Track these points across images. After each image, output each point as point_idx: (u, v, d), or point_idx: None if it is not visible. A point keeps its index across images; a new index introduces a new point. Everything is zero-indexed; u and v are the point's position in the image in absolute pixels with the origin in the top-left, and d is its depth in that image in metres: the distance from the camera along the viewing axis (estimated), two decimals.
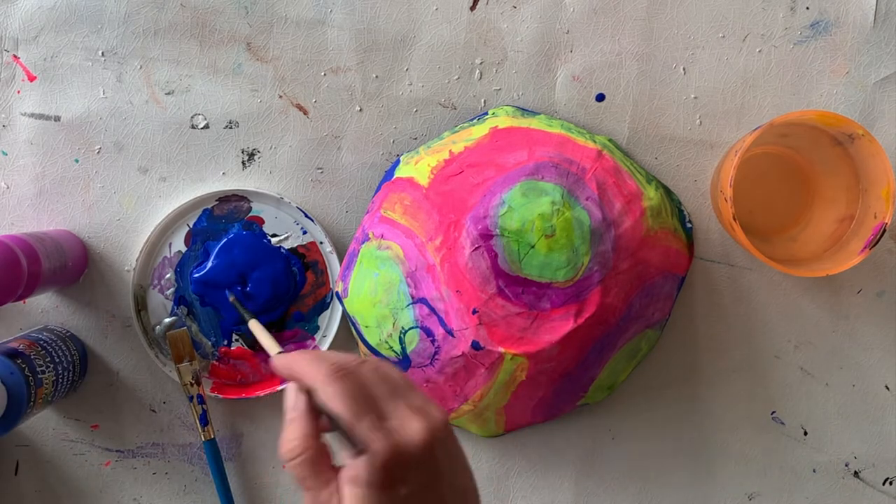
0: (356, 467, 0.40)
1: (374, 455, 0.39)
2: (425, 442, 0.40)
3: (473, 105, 0.67)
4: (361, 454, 0.40)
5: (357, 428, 0.40)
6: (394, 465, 0.39)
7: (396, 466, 0.40)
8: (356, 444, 0.40)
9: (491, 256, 0.59)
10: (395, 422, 0.41)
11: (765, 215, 0.67)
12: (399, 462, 0.40)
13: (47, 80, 0.67)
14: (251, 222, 0.67)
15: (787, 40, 0.67)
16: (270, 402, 0.68)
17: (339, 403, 0.41)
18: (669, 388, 0.68)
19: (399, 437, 0.40)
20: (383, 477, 0.39)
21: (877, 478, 0.69)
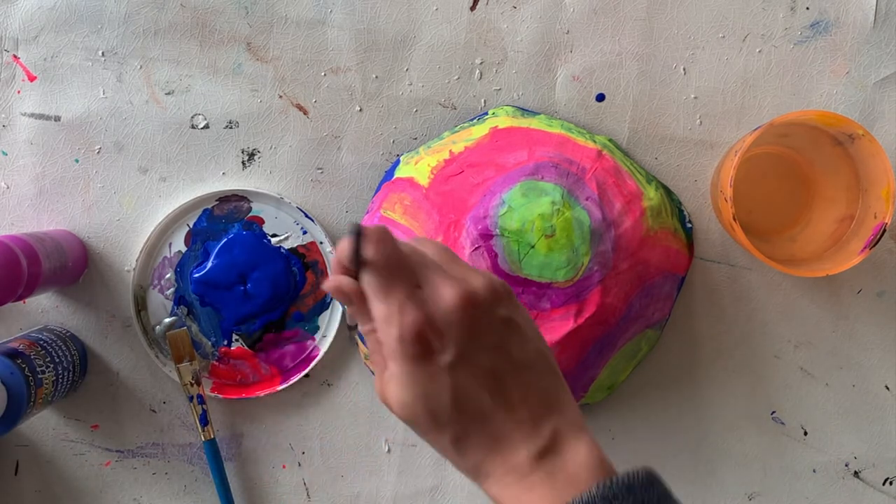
0: (389, 339, 0.41)
1: (403, 328, 0.41)
2: (457, 305, 0.41)
3: (473, 105, 0.67)
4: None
5: (387, 305, 0.41)
6: (424, 334, 0.41)
7: (428, 332, 0.41)
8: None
9: (491, 256, 0.59)
10: (427, 290, 0.42)
11: (765, 215, 0.67)
12: (431, 328, 0.41)
13: (47, 80, 0.67)
14: (251, 222, 0.67)
15: (787, 40, 0.67)
16: (270, 402, 0.68)
17: (374, 277, 0.41)
18: (669, 388, 0.68)
19: (428, 306, 0.41)
20: (415, 349, 0.41)
21: (877, 478, 0.69)
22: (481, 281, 0.42)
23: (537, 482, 0.41)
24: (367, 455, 0.68)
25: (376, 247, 0.41)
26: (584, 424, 0.43)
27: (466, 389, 0.41)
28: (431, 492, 0.68)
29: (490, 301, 0.42)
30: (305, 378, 0.68)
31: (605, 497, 0.39)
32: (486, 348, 0.42)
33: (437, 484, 0.68)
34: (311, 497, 0.69)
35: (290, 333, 0.67)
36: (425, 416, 0.41)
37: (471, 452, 0.42)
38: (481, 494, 0.68)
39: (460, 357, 0.41)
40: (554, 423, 0.42)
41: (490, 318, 0.42)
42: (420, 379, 0.41)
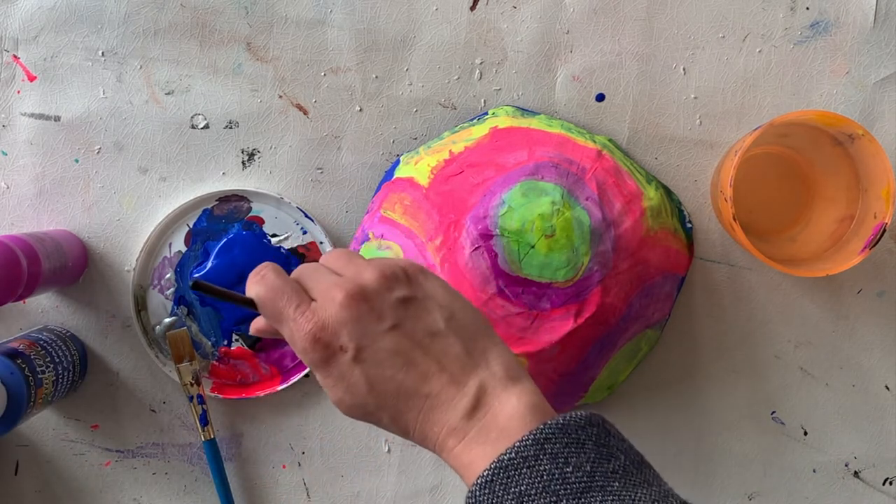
0: (299, 355, 0.45)
1: (302, 341, 0.44)
2: (342, 304, 0.43)
3: (473, 105, 0.67)
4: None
5: (287, 328, 0.45)
6: (320, 339, 0.43)
7: (322, 335, 0.43)
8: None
9: (491, 256, 0.59)
10: (318, 301, 0.44)
11: (765, 215, 0.67)
12: (324, 331, 0.44)
13: (47, 80, 0.67)
14: (251, 222, 0.67)
15: (787, 40, 0.67)
16: (270, 402, 0.68)
17: (263, 311, 0.45)
18: (669, 388, 0.68)
19: (318, 314, 0.44)
20: (317, 354, 0.44)
21: (877, 478, 0.69)
22: (370, 273, 0.45)
23: (472, 440, 0.43)
24: (367, 455, 0.68)
25: (257, 285, 0.45)
26: (516, 375, 0.44)
27: (378, 374, 0.44)
28: (431, 492, 0.68)
29: (380, 289, 0.44)
30: (305, 378, 0.68)
31: (537, 441, 0.40)
32: (385, 332, 0.44)
33: (437, 484, 0.68)
34: (311, 497, 0.69)
35: None
36: (356, 408, 0.45)
37: (411, 427, 0.44)
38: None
39: (360, 349, 0.43)
40: (479, 378, 0.44)
41: (382, 304, 0.44)
42: (336, 379, 0.44)
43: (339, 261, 0.47)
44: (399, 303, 0.44)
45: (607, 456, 0.41)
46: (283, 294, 0.45)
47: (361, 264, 0.46)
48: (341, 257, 0.47)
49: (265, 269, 0.46)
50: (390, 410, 0.44)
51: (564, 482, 0.40)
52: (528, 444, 0.40)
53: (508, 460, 0.40)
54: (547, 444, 0.40)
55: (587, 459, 0.40)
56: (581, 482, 0.40)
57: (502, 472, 0.40)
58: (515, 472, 0.40)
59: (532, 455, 0.40)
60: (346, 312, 0.43)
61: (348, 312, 0.43)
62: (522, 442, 0.41)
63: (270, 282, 0.45)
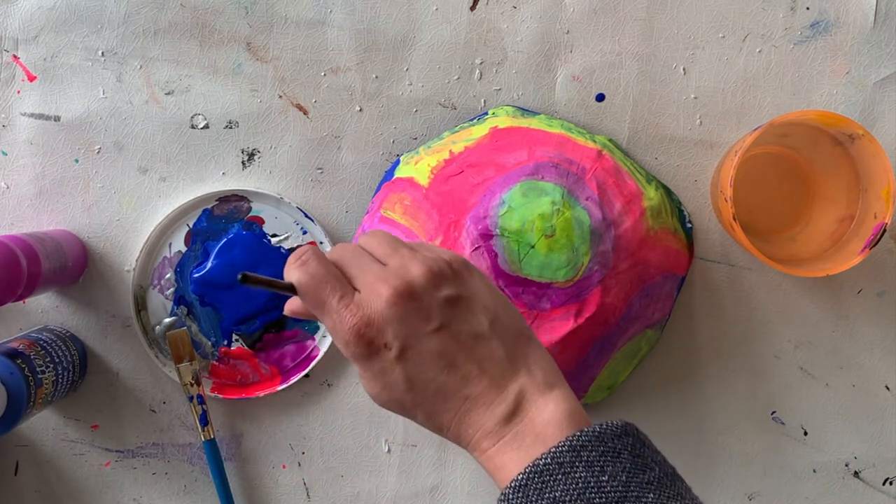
0: (340, 347, 0.44)
1: (345, 334, 0.43)
2: (390, 301, 0.42)
3: (473, 105, 0.67)
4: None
5: (328, 318, 0.43)
6: (364, 335, 0.43)
7: (368, 331, 0.43)
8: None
9: (491, 256, 0.59)
10: (363, 293, 0.43)
11: (765, 215, 0.67)
12: (370, 327, 0.42)
13: (47, 80, 0.67)
14: (251, 222, 0.67)
15: (787, 40, 0.67)
16: (270, 402, 0.68)
17: (304, 299, 0.44)
18: (669, 388, 0.68)
19: (364, 308, 0.43)
20: (360, 349, 0.43)
21: (877, 478, 0.69)
22: (418, 268, 0.43)
23: (507, 443, 0.43)
24: (367, 455, 0.68)
25: (295, 269, 0.44)
26: (555, 381, 0.44)
27: (420, 374, 0.43)
28: (431, 492, 0.68)
29: (428, 287, 0.43)
30: (305, 378, 0.68)
31: (573, 447, 0.40)
32: (431, 333, 0.43)
33: (437, 484, 0.68)
34: (311, 497, 0.69)
35: (290, 333, 0.67)
36: (392, 402, 0.44)
37: (445, 426, 0.44)
38: (481, 494, 0.68)
39: (405, 348, 0.43)
40: (519, 384, 0.43)
41: (430, 303, 0.43)
42: (376, 373, 0.43)
43: (382, 247, 0.46)
44: (445, 302, 0.43)
45: (642, 467, 0.41)
46: (325, 283, 0.43)
47: (406, 255, 0.44)
48: (384, 243, 0.46)
49: (307, 255, 0.44)
50: (427, 408, 0.44)
51: (600, 491, 0.39)
52: (565, 451, 0.40)
53: (544, 465, 0.40)
54: (583, 452, 0.40)
55: (623, 469, 0.40)
56: (616, 492, 0.39)
57: (537, 477, 0.40)
58: (550, 477, 0.40)
59: (568, 461, 0.40)
60: (393, 310, 0.42)
61: (395, 310, 0.42)
62: (559, 448, 0.40)
63: (313, 269, 0.44)
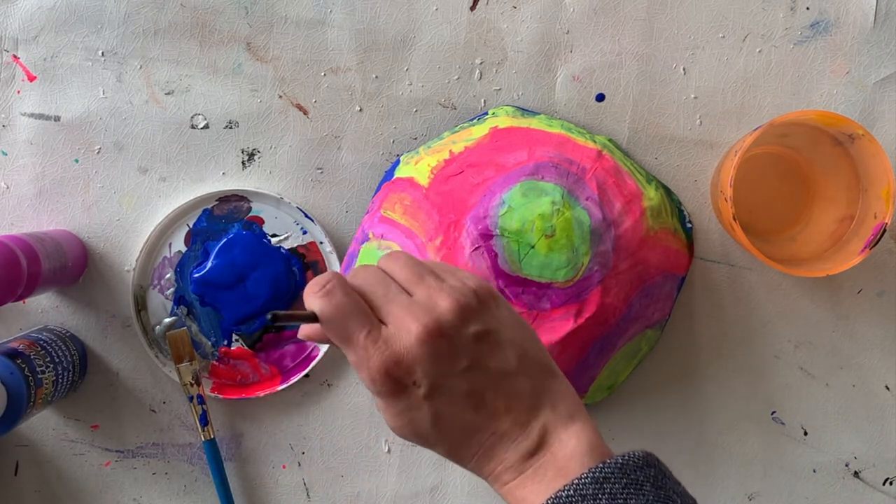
0: (365, 382, 0.42)
1: (371, 371, 0.41)
2: (420, 340, 0.41)
3: (473, 105, 0.67)
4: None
5: (353, 353, 0.42)
6: (392, 374, 0.41)
7: (396, 371, 0.41)
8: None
9: (491, 256, 0.59)
10: (391, 328, 0.42)
11: (765, 215, 0.67)
12: (399, 367, 0.41)
13: (47, 80, 0.67)
14: (251, 222, 0.67)
15: (787, 40, 0.67)
16: (270, 402, 0.68)
17: (328, 330, 0.42)
18: (669, 388, 0.68)
19: (392, 345, 0.41)
20: (387, 388, 0.42)
21: (877, 478, 0.69)
22: (447, 303, 0.42)
23: (529, 477, 0.42)
24: (367, 455, 0.68)
25: (319, 300, 0.42)
26: (576, 413, 0.44)
27: (448, 413, 0.42)
28: (431, 492, 0.68)
29: (457, 324, 0.42)
30: (305, 378, 0.68)
31: (595, 480, 0.40)
32: (461, 371, 0.42)
33: (437, 484, 0.68)
34: (311, 497, 0.69)
35: (290, 333, 0.67)
36: (415, 437, 0.43)
37: (467, 460, 0.44)
38: (481, 494, 0.68)
39: (434, 387, 0.42)
40: (543, 420, 0.43)
41: (459, 341, 0.42)
42: (401, 410, 0.42)
43: (405, 272, 0.44)
44: (474, 338, 0.42)
45: (664, 499, 0.40)
46: (351, 316, 0.42)
47: (433, 285, 0.43)
48: (407, 268, 0.44)
49: (331, 283, 0.42)
50: (450, 444, 0.43)
51: None
52: (587, 483, 0.40)
53: (566, 497, 0.40)
54: (606, 484, 0.40)
55: (646, 501, 0.40)
56: None
57: None
58: None
59: (591, 494, 0.40)
60: (423, 349, 0.41)
61: (425, 350, 0.41)
62: (581, 480, 0.40)
63: (338, 301, 0.42)
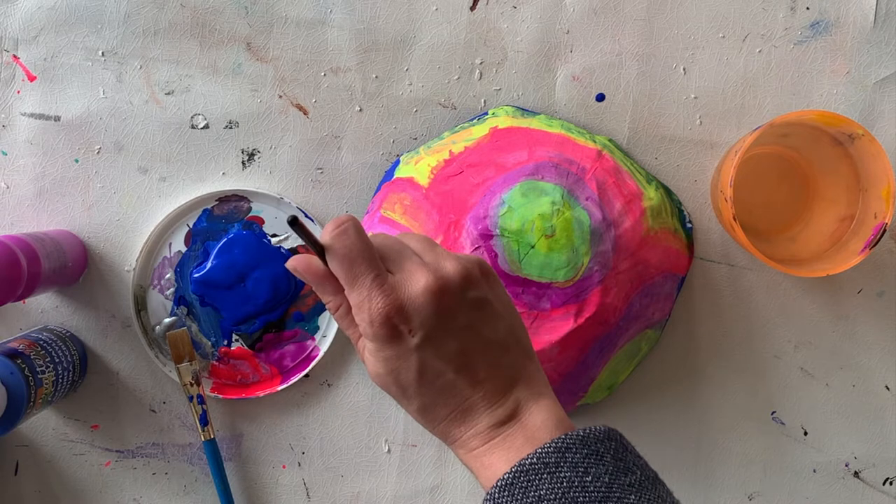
0: (361, 323, 0.43)
1: (371, 313, 0.43)
2: (426, 290, 0.43)
3: (473, 105, 0.67)
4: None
5: (356, 293, 0.43)
6: (392, 319, 0.43)
7: (397, 317, 0.43)
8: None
9: (491, 256, 0.59)
10: (398, 277, 0.43)
11: (765, 215, 0.67)
12: (400, 313, 0.42)
13: (47, 80, 0.67)
14: (251, 222, 0.67)
15: (787, 40, 0.67)
16: (270, 402, 0.68)
17: (336, 265, 0.43)
18: (669, 388, 0.68)
19: (398, 292, 0.43)
20: (384, 331, 0.43)
21: (877, 478, 0.69)
22: (454, 267, 0.44)
23: (497, 444, 0.44)
24: (367, 455, 0.68)
25: (334, 236, 0.43)
26: (545, 390, 0.46)
27: (433, 367, 0.44)
28: (431, 492, 0.68)
29: (461, 286, 0.44)
30: (305, 378, 0.68)
31: (558, 449, 0.41)
32: (455, 330, 0.44)
33: (437, 484, 0.68)
34: (311, 497, 0.69)
35: (290, 333, 0.67)
36: (395, 387, 0.44)
37: (438, 420, 0.45)
38: (481, 494, 0.68)
39: (428, 339, 0.43)
40: (517, 394, 0.45)
41: (460, 302, 0.44)
42: (390, 356, 0.44)
43: (419, 243, 0.46)
44: (473, 304, 0.44)
45: (624, 470, 0.42)
46: (361, 257, 0.43)
47: (442, 253, 0.45)
48: (422, 240, 0.46)
49: (348, 223, 0.43)
50: (426, 400, 0.44)
51: (584, 490, 0.41)
52: (550, 452, 0.41)
53: (530, 465, 0.41)
54: (568, 454, 0.41)
55: (605, 471, 0.41)
56: (599, 492, 0.41)
57: (523, 476, 0.41)
58: (536, 476, 0.41)
59: (553, 462, 0.41)
60: (426, 300, 0.43)
61: (427, 300, 0.43)
62: (545, 449, 0.42)
63: (351, 240, 0.43)
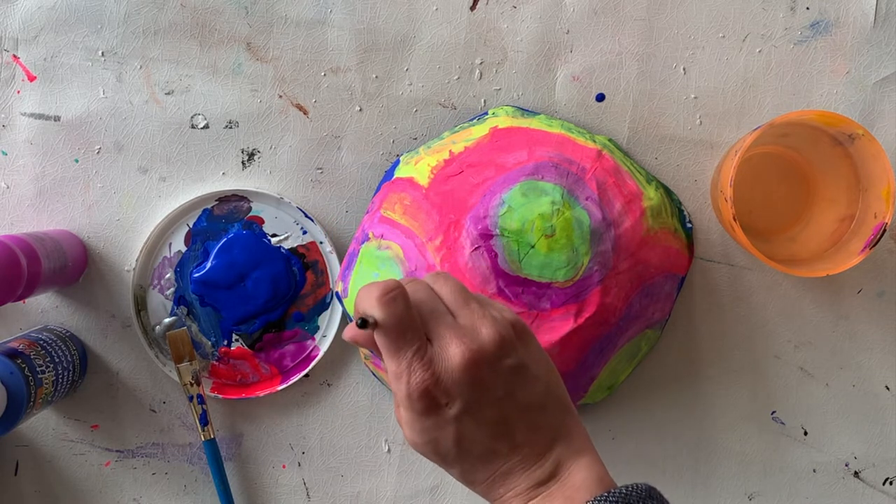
0: (399, 394, 0.44)
1: (410, 386, 0.43)
2: (463, 365, 0.43)
3: (473, 105, 0.67)
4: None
5: (397, 364, 0.43)
6: (430, 393, 0.43)
7: (435, 391, 0.43)
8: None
9: (491, 256, 0.59)
10: (435, 347, 0.44)
11: (765, 215, 0.67)
12: (438, 387, 0.43)
13: (47, 80, 0.67)
14: (251, 222, 0.67)
15: (787, 40, 0.67)
16: (270, 402, 0.68)
17: (381, 336, 0.43)
18: (669, 388, 0.68)
19: (435, 365, 0.43)
20: (422, 405, 0.43)
21: (877, 478, 0.69)
22: (489, 334, 0.44)
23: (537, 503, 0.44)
24: (367, 455, 0.68)
25: (386, 311, 0.43)
26: (585, 445, 0.46)
27: (471, 436, 0.44)
28: (431, 492, 0.68)
29: (497, 354, 0.44)
30: (305, 378, 0.68)
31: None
32: (492, 399, 0.44)
33: (437, 484, 0.68)
34: (310, 497, 0.69)
35: (290, 333, 0.67)
36: (433, 455, 0.45)
37: (478, 483, 0.45)
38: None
39: (465, 411, 0.43)
40: (557, 453, 0.45)
41: (496, 371, 0.44)
42: (427, 427, 0.44)
43: (453, 295, 0.46)
44: (510, 371, 0.44)
45: None
46: (407, 331, 0.43)
47: (478, 313, 0.45)
48: (455, 292, 0.46)
49: (396, 292, 0.43)
50: (466, 465, 0.45)
51: None
52: None
53: None
54: None
55: None
56: None
57: None
58: None
59: None
60: (463, 374, 0.43)
61: (465, 375, 0.43)
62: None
63: (400, 311, 0.43)
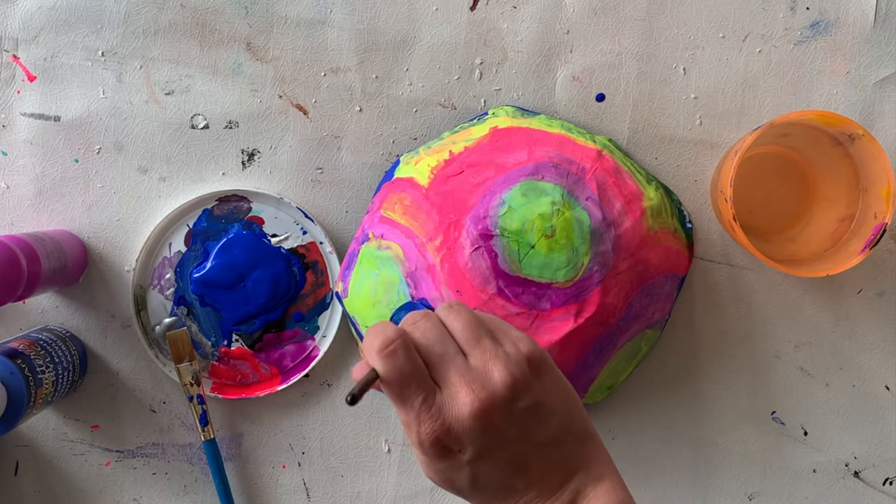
0: (410, 440, 0.43)
1: (420, 436, 0.43)
2: (473, 415, 0.42)
3: (473, 105, 0.67)
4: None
5: (405, 413, 0.43)
6: (441, 442, 0.43)
7: (446, 440, 0.42)
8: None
9: (491, 256, 0.59)
10: (445, 394, 0.43)
11: (765, 215, 0.67)
12: (449, 436, 0.42)
13: (47, 80, 0.67)
14: (251, 222, 0.67)
15: (787, 40, 0.67)
16: (270, 402, 0.68)
17: (385, 388, 0.43)
18: (669, 388, 0.68)
19: (445, 415, 0.42)
20: (434, 452, 0.43)
21: (877, 478, 0.69)
22: (500, 377, 0.43)
23: None
24: (367, 455, 0.68)
25: (386, 364, 0.42)
26: (606, 470, 0.45)
27: (487, 476, 0.44)
28: (431, 492, 0.68)
29: (509, 399, 0.43)
30: (305, 378, 0.68)
31: None
32: (506, 441, 0.43)
33: None
34: (310, 497, 0.69)
35: (290, 333, 0.67)
36: (450, 490, 0.45)
37: None
38: None
39: (478, 455, 0.43)
40: (575, 483, 0.45)
41: (510, 414, 0.43)
42: (442, 469, 0.44)
43: (465, 332, 0.44)
44: (524, 412, 0.43)
45: None
46: (412, 382, 0.43)
47: (490, 352, 0.44)
48: (468, 328, 0.44)
49: (396, 345, 0.43)
50: (483, 499, 0.45)
51: None
52: None
53: None
54: None
55: None
56: None
57: None
58: None
59: None
60: (474, 423, 0.42)
61: (476, 423, 0.42)
62: None
63: (400, 364, 0.42)
